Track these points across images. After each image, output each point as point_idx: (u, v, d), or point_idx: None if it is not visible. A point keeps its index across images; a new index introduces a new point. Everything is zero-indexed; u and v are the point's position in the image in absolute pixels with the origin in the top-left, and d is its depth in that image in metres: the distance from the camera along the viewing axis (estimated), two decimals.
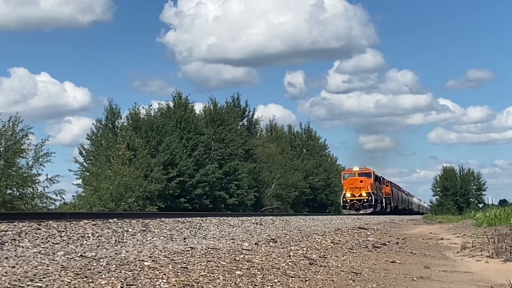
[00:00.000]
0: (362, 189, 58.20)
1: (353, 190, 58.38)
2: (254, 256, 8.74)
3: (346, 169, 65.41)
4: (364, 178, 58.86)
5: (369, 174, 59.87)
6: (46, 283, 5.59)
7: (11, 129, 37.51)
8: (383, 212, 62.91)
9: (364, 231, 20.31)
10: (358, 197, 58.01)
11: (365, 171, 60.30)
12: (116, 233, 10.34)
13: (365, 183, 58.44)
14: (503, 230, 19.70)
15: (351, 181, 59.04)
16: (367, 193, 58.02)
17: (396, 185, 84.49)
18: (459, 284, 9.38)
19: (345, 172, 62.65)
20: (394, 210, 74.92)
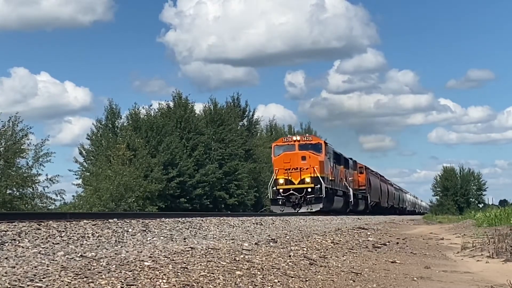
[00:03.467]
0: (305, 172, 34.45)
1: (290, 174, 34.42)
2: (254, 256, 8.74)
3: (279, 139, 39.50)
4: (309, 153, 35.14)
5: (317, 147, 36.06)
6: (46, 283, 5.59)
7: (11, 129, 37.54)
8: (352, 211, 44.17)
9: (364, 231, 20.31)
10: (298, 184, 34.21)
11: (311, 142, 36.57)
12: (116, 233, 10.33)
13: (310, 162, 34.73)
14: (504, 230, 19.69)
15: (286, 158, 34.86)
16: (313, 178, 34.10)
17: (379, 175, 66.06)
18: (459, 284, 9.37)
19: (277, 144, 36.81)
20: (374, 208, 57.94)
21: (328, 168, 36.70)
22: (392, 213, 69.32)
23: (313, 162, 34.56)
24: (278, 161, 35.05)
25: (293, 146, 35.46)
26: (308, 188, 33.91)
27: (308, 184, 34.01)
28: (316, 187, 33.90)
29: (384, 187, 67.94)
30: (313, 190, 33.93)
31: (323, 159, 35.59)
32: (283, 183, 34.41)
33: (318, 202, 33.72)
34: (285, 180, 34.45)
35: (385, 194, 67.23)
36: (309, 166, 34.41)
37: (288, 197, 34.10)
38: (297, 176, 34.45)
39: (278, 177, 34.60)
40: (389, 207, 70.38)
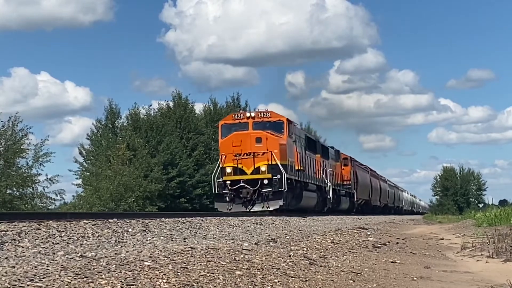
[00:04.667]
0: (260, 158, 26.14)
1: (240, 161, 26.08)
2: (254, 256, 8.74)
3: (227, 116, 31.13)
4: (266, 134, 26.62)
5: (278, 126, 27.46)
6: (46, 283, 5.59)
7: (11, 129, 37.53)
8: (331, 210, 37.15)
9: (364, 231, 20.32)
10: (251, 175, 26.01)
11: (269, 119, 27.55)
12: (116, 233, 10.33)
13: (267, 145, 26.31)
14: (503, 230, 19.71)
15: (236, 141, 26.39)
16: (271, 166, 25.99)
17: (369, 169, 58.70)
18: (459, 284, 9.37)
19: (226, 122, 28.48)
20: (363, 206, 51.58)
21: (293, 154, 27.90)
22: (386, 212, 64.24)
23: (272, 146, 25.89)
24: (226, 145, 26.36)
25: (246, 124, 26.85)
26: (264, 179, 25.41)
27: (264, 175, 25.50)
28: (274, 178, 25.29)
29: (376, 183, 59.97)
30: (270, 182, 25.30)
31: (285, 142, 26.72)
32: (231, 173, 25.64)
33: (277, 198, 25.28)
34: (233, 169, 25.69)
35: (376, 191, 59.45)
36: (266, 150, 25.64)
37: (237, 192, 25.49)
38: (250, 163, 25.69)
39: (225, 165, 25.79)
40: (381, 206, 63.31)
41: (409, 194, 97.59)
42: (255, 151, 25.90)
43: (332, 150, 42.39)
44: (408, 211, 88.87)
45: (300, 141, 30.31)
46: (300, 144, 30.32)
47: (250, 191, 25.51)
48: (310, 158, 32.60)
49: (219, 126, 28.25)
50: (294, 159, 28.26)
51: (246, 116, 27.52)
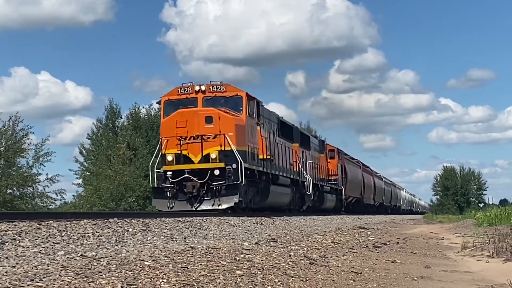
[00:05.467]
0: (211, 142, 20.87)
1: (185, 146, 20.89)
2: (255, 256, 8.74)
3: (172, 90, 22.68)
4: (219, 113, 21.21)
5: (235, 103, 22.21)
6: (47, 282, 5.59)
7: (11, 128, 37.57)
8: (313, 208, 32.71)
9: (365, 231, 20.32)
10: (199, 164, 20.75)
11: (224, 93, 22.17)
12: (117, 233, 10.33)
13: (220, 125, 20.93)
14: (504, 230, 19.70)
15: (180, 120, 21.04)
16: (224, 153, 20.75)
17: (361, 164, 53.73)
18: (460, 284, 9.38)
19: (170, 97, 22.43)
20: (354, 205, 47.31)
21: (256, 138, 22.76)
22: (382, 212, 59.61)
23: (226, 127, 20.44)
24: (168, 125, 21.01)
25: (194, 100, 21.43)
26: (215, 169, 20.04)
27: (214, 163, 20.16)
28: (228, 168, 20.07)
29: (369, 179, 54.83)
30: (223, 173, 20.09)
31: (244, 123, 21.42)
32: (172, 162, 20.43)
33: (232, 193, 20.06)
34: (176, 156, 20.46)
35: (370, 188, 54.20)
36: (218, 132, 20.30)
37: (181, 185, 20.24)
38: (197, 149, 20.34)
39: (166, 151, 20.61)
40: (376, 205, 58.36)
41: (407, 193, 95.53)
42: (204, 134, 20.30)
43: (316, 139, 37.50)
44: (407, 211, 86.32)
45: (269, 125, 25.45)
46: (270, 128, 25.42)
47: (197, 184, 20.02)
48: (284, 146, 27.48)
49: (162, 103, 22.12)
50: (258, 146, 22.83)
51: (194, 89, 21.57)
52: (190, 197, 20.28)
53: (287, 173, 27.67)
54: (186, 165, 20.51)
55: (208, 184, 20.23)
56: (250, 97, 22.56)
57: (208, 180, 20.21)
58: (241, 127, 21.39)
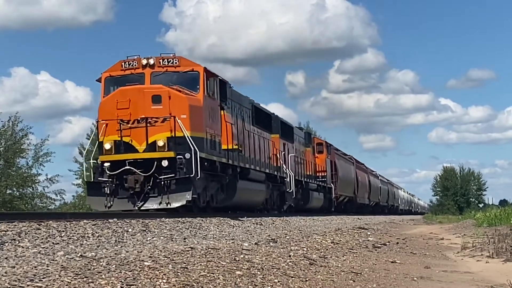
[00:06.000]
0: (158, 127, 16.87)
1: (127, 131, 16.86)
2: (254, 256, 8.74)
3: (114, 64, 18.33)
4: (169, 91, 17.08)
5: (190, 79, 18.01)
6: (46, 283, 5.59)
7: (11, 129, 37.57)
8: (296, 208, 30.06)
9: (364, 231, 20.32)
10: (144, 153, 16.78)
11: (176, 68, 18.00)
12: (116, 233, 10.34)
13: (170, 106, 16.87)
14: (504, 230, 19.71)
15: (122, 100, 16.97)
16: (175, 139, 16.76)
17: (354, 160, 49.86)
18: (460, 284, 9.38)
19: (111, 73, 18.16)
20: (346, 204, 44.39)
21: (219, 124, 19.05)
22: (378, 212, 57.05)
23: (177, 108, 16.92)
24: (107, 107, 17.24)
25: (141, 76, 17.85)
26: (163, 160, 16.61)
27: (162, 153, 16.71)
28: (180, 158, 16.62)
29: (363, 177, 51.27)
30: (173, 165, 16.59)
31: (201, 104, 17.74)
32: (111, 150, 16.93)
33: (183, 188, 16.45)
34: (116, 144, 16.93)
35: (364, 187, 50.81)
36: (167, 115, 16.80)
37: (121, 179, 16.75)
38: (142, 135, 16.83)
39: (104, 138, 17.06)
40: (371, 205, 55.35)
41: (406, 193, 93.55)
42: (150, 116, 16.75)
43: (301, 131, 34.05)
44: (406, 211, 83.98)
45: (240, 111, 21.94)
46: (240, 114, 21.94)
47: (141, 178, 16.51)
48: (259, 136, 24.12)
49: (102, 80, 18.21)
50: (222, 133, 19.13)
51: (141, 63, 17.84)
52: (132, 194, 16.61)
53: (263, 167, 23.97)
54: (127, 155, 16.78)
55: (155, 178, 16.52)
56: (210, 73, 18.54)
57: (154, 173, 16.49)
58: (197, 108, 17.46)
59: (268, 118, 26.62)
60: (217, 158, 18.49)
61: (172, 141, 16.71)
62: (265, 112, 26.36)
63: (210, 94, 18.38)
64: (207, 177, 17.91)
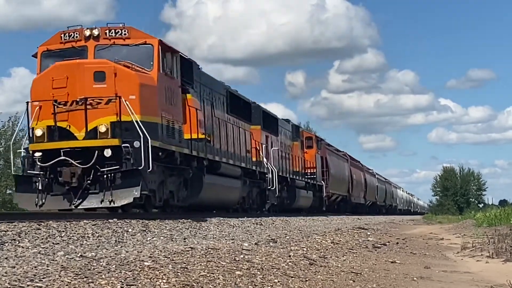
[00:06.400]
0: (100, 110, 14.01)
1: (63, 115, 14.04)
2: (254, 256, 8.74)
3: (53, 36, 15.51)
4: (114, 66, 14.27)
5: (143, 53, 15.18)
6: (46, 283, 5.59)
7: (11, 129, 37.55)
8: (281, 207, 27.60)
9: (364, 231, 20.32)
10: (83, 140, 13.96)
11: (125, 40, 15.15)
12: (116, 233, 10.35)
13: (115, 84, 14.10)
14: (503, 230, 19.72)
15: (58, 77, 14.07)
16: (120, 125, 13.99)
17: (348, 157, 47.31)
18: (459, 284, 9.38)
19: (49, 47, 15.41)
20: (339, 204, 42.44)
21: (178, 107, 16.24)
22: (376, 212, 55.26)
23: (125, 87, 14.28)
24: (40, 85, 14.61)
25: (83, 50, 15.15)
26: (106, 148, 13.97)
27: (104, 140, 14.06)
28: (126, 146, 13.98)
29: (359, 175, 48.81)
30: (118, 155, 13.99)
31: (155, 83, 15.08)
32: (43, 137, 14.28)
33: (130, 183, 13.81)
34: (49, 130, 14.30)
35: (359, 185, 48.32)
36: (112, 94, 14.19)
37: (55, 172, 14.09)
38: (81, 120, 14.18)
39: (35, 124, 14.40)
40: (368, 204, 52.89)
41: (405, 192, 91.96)
42: (91, 97, 14.04)
43: (288, 124, 31.40)
44: (404, 211, 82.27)
45: (210, 95, 19.29)
46: (211, 99, 19.28)
47: (78, 171, 13.81)
48: (234, 126, 21.52)
49: (38, 55, 15.64)
50: (186, 119, 16.62)
51: (83, 35, 15.16)
52: (68, 190, 13.93)
53: (238, 160, 21.33)
54: (62, 143, 14.03)
55: (96, 170, 13.81)
56: (168, 47, 15.81)
57: (95, 165, 13.78)
58: (150, 88, 14.83)
59: (247, 107, 24.20)
60: (176, 148, 15.77)
61: (118, 126, 14.08)
62: (243, 100, 23.73)
63: (168, 72, 15.72)
64: (164, 170, 15.46)
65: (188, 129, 16.64)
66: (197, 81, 18.01)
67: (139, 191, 13.73)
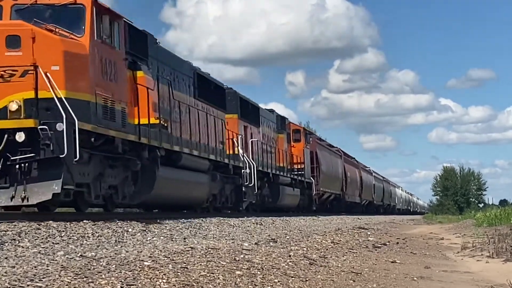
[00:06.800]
0: (12, 84, 11.38)
1: None
2: (254, 256, 8.74)
3: None
4: (32, 30, 11.45)
5: (72, 16, 12.36)
6: (46, 283, 5.59)
7: None
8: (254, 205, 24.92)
9: (364, 231, 20.32)
10: None
11: (52, 0, 12.24)
12: (116, 233, 10.34)
13: (33, 52, 11.36)
14: (504, 230, 19.71)
15: None
16: (39, 101, 11.35)
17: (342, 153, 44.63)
18: (460, 284, 9.38)
19: None
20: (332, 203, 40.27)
21: (120, 84, 13.52)
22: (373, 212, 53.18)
23: (45, 55, 11.61)
24: None
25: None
26: (17, 132, 11.27)
27: (16, 121, 11.36)
28: (44, 129, 11.28)
29: (354, 173, 46.45)
30: (33, 140, 11.32)
31: (87, 51, 12.36)
32: None
33: (49, 175, 11.26)
34: None
35: (354, 183, 45.99)
36: (29, 64, 11.48)
37: None
38: None
39: None
40: (364, 204, 50.93)
41: (404, 191, 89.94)
42: (2, 66, 11.55)
43: (271, 114, 28.56)
44: (403, 211, 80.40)
45: (170, 75, 16.71)
46: (172, 80, 16.66)
47: None
48: (202, 112, 18.77)
49: None
50: (133, 100, 14.02)
51: None
52: None
53: (206, 152, 18.62)
54: None
55: (5, 159, 11.26)
56: (105, 9, 13.14)
57: (4, 152, 11.24)
58: (79, 58, 12.17)
59: (221, 92, 21.30)
60: (117, 134, 13.06)
61: (34, 104, 11.41)
62: (215, 84, 20.93)
63: (106, 40, 12.97)
64: (102, 160, 12.89)
65: (138, 112, 14.10)
66: (153, 58, 15.50)
67: (60, 185, 11.22)
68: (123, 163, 13.81)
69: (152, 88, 14.76)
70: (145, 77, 14.51)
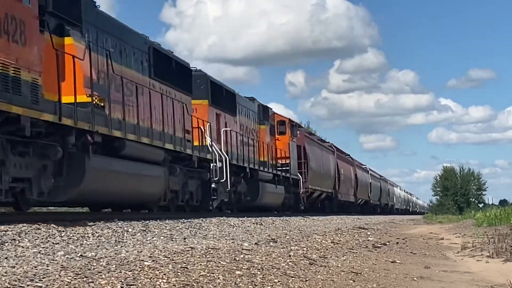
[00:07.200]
0: None
1: None
2: (254, 256, 8.74)
3: None
4: None
5: None
6: (46, 283, 5.59)
7: None
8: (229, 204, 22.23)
9: (364, 231, 20.33)
10: None
11: None
12: (116, 233, 10.34)
13: None
14: (504, 230, 19.72)
15: None
16: None
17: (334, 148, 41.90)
18: (460, 284, 9.38)
19: None
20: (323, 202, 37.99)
21: (30, 47, 10.27)
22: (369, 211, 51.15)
23: None
24: None
25: None
26: None
27: None
28: None
29: (348, 170, 43.90)
30: None
31: None
32: None
33: None
34: None
35: (348, 181, 43.56)
36: None
37: None
38: None
39: None
40: (359, 203, 48.65)
41: (403, 191, 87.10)
42: None
43: (252, 103, 25.60)
44: (402, 211, 78.22)
45: (114, 46, 14.09)
46: (115, 51, 14.00)
47: None
48: (158, 94, 16.17)
49: None
50: (52, 70, 11.21)
51: None
52: None
53: (161, 140, 15.94)
54: None
55: None
56: None
57: None
58: None
59: (185, 72, 18.50)
60: (24, 111, 10.15)
61: None
62: (177, 62, 17.93)
63: None
64: (4, 146, 10.10)
65: (60, 86, 11.36)
66: (89, 23, 12.85)
67: None
68: (36, 151, 10.90)
69: (82, 58, 11.93)
70: (76, 46, 11.81)
